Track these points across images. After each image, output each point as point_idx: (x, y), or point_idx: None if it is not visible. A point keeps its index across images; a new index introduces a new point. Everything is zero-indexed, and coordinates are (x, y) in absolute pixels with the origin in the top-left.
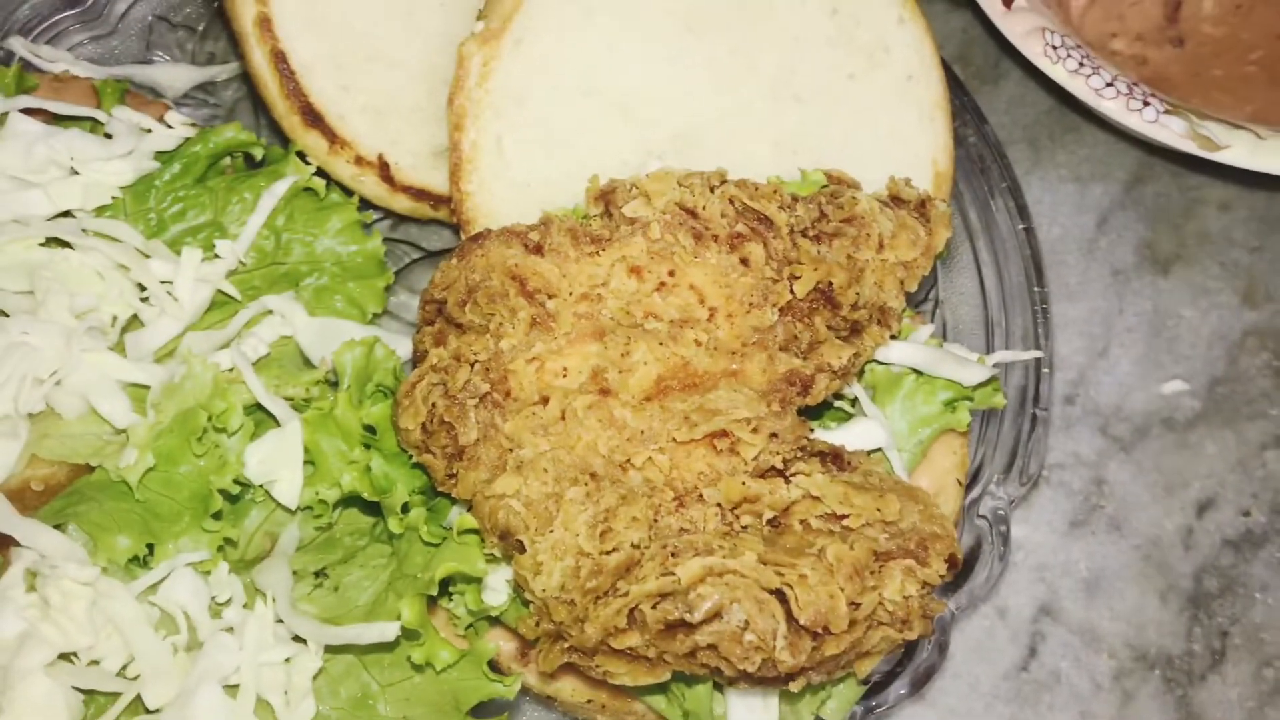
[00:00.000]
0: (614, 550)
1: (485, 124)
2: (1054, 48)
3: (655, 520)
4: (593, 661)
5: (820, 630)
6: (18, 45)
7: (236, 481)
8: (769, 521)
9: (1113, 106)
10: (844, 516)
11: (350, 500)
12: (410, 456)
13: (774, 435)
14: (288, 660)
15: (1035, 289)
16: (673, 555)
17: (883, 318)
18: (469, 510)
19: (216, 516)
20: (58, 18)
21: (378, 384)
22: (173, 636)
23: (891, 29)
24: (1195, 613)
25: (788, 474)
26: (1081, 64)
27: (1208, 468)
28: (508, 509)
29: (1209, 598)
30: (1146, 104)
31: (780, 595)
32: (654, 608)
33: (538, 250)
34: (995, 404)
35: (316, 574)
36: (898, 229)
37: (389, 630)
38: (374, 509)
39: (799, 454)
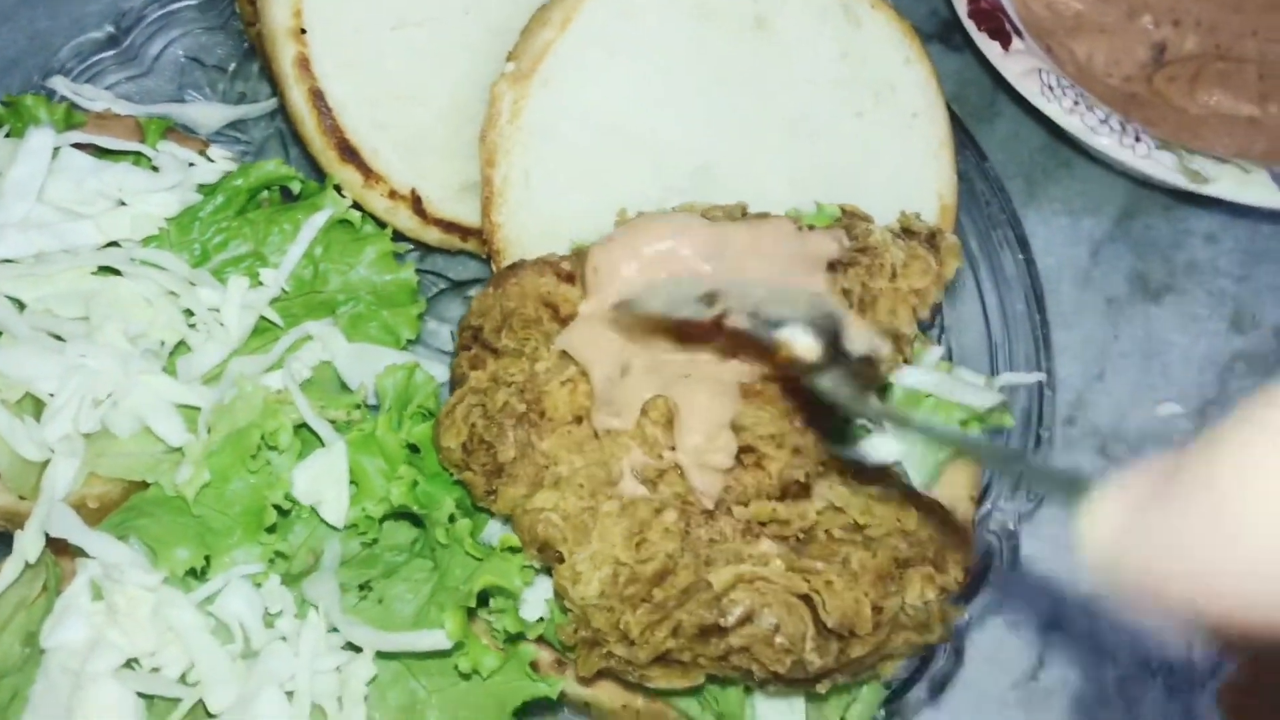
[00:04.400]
0: (649, 559)
1: (515, 159)
2: (1050, 87)
3: (686, 532)
4: (629, 666)
5: (847, 633)
6: (60, 85)
7: (286, 497)
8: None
9: (1107, 143)
10: (866, 526)
11: (394, 516)
12: (451, 475)
13: (797, 450)
14: (339, 669)
15: (1035, 315)
16: (706, 564)
17: (896, 343)
18: (509, 525)
19: (270, 530)
20: (96, 58)
21: (419, 406)
22: (228, 645)
23: (898, 70)
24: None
25: (811, 486)
26: (1076, 102)
27: None
28: (546, 522)
29: None
30: (1139, 140)
31: (808, 600)
32: (690, 614)
33: (570, 279)
34: (1004, 423)
35: (361, 587)
36: (909, 259)
37: (443, 638)
38: (417, 524)
39: (821, 468)
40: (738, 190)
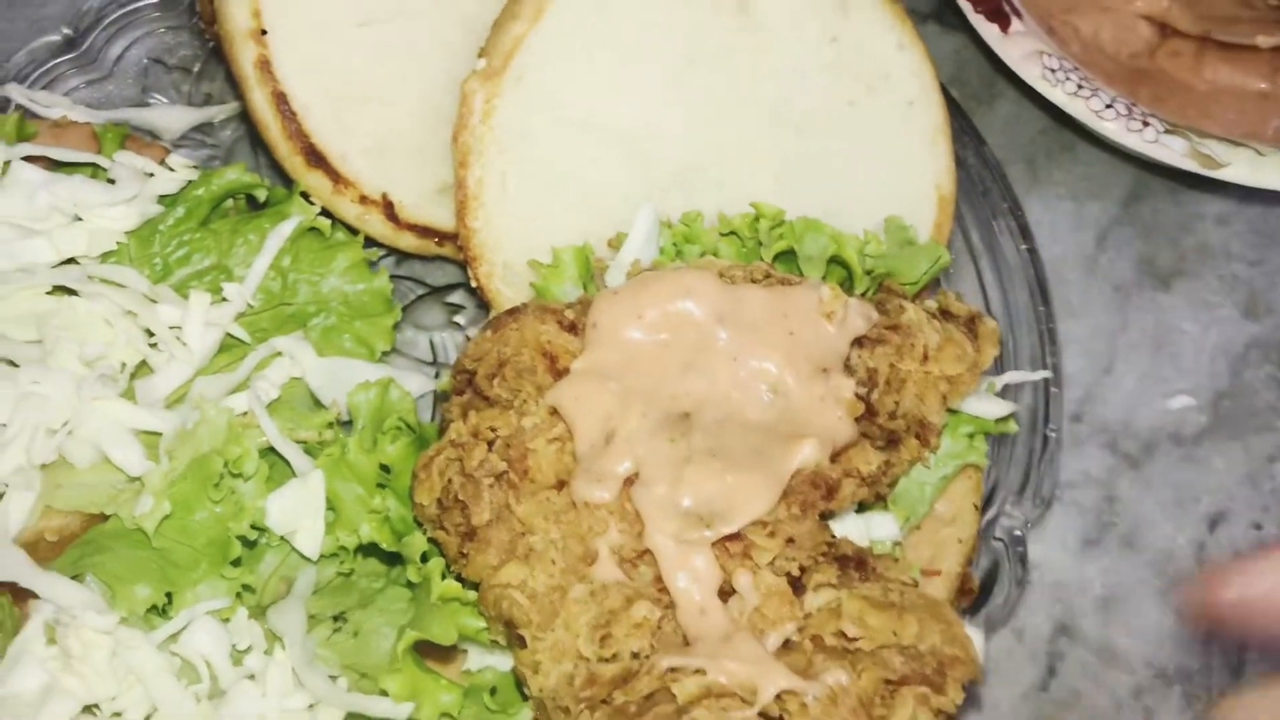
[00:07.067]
0: (613, 658)
1: (490, 160)
2: (1052, 70)
3: (659, 626)
4: None
5: None
6: (14, 92)
7: (253, 527)
8: None
9: (1113, 128)
10: (857, 639)
11: (369, 548)
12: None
13: (790, 540)
14: (312, 706)
15: (1040, 309)
16: (672, 670)
17: (922, 432)
18: (478, 595)
19: (235, 563)
20: (53, 63)
21: (397, 419)
22: (195, 685)
23: (891, 55)
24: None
25: (804, 581)
26: (1080, 86)
27: (1217, 481)
28: (512, 600)
29: None
30: (1146, 124)
31: None
32: None
33: (572, 329)
34: (1008, 430)
35: (335, 618)
36: (944, 342)
37: (401, 711)
38: (392, 555)
39: (817, 560)
40: (723, 185)
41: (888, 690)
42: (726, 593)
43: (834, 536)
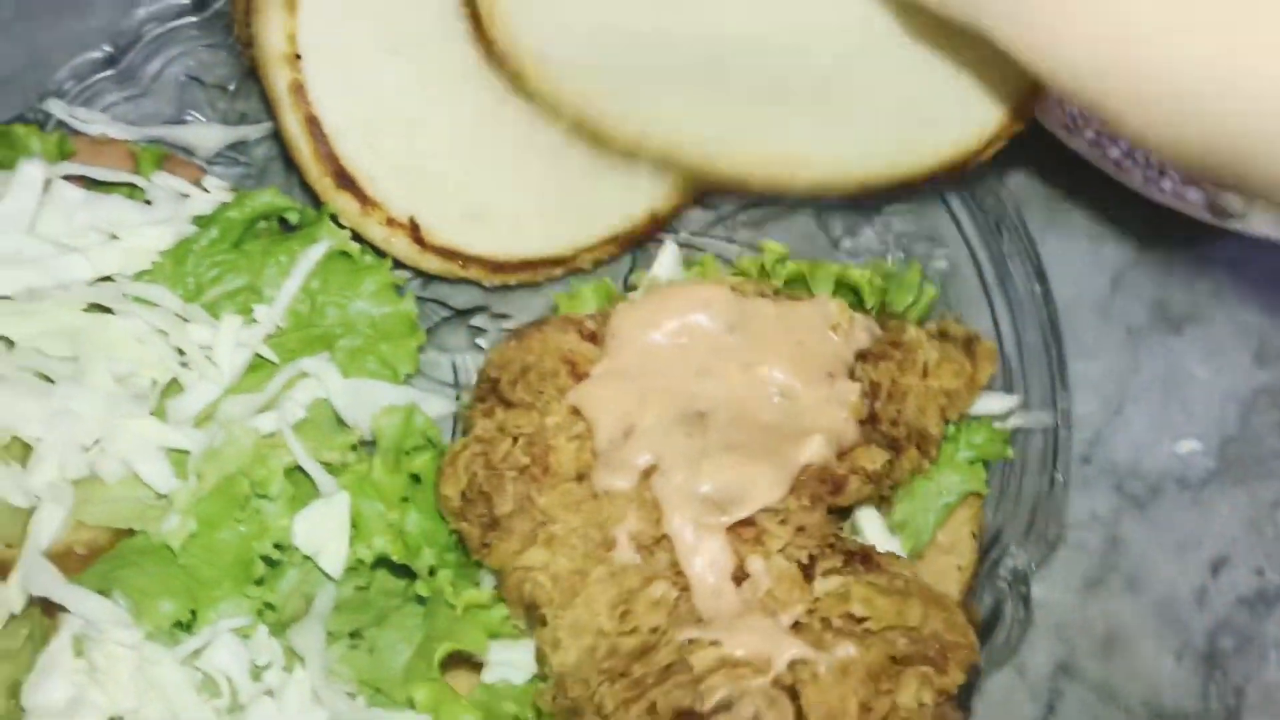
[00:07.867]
0: (632, 632)
1: None
2: (1074, 119)
3: (675, 606)
4: None
5: None
6: (56, 108)
7: (276, 546)
8: None
9: (1131, 178)
10: (864, 619)
11: (383, 562)
12: (448, 523)
13: (801, 529)
14: None
15: (1053, 352)
16: (689, 642)
17: (922, 443)
18: (498, 581)
19: (258, 582)
20: (95, 79)
21: (420, 437)
22: (215, 700)
23: None
24: (1210, 671)
25: (813, 569)
26: (1100, 135)
27: (1221, 526)
28: (534, 582)
29: (1224, 656)
30: (1164, 174)
31: (792, 692)
32: (665, 694)
33: (593, 338)
34: (1005, 456)
35: (352, 635)
36: (942, 359)
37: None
38: (406, 570)
39: (825, 550)
40: None
41: (893, 669)
42: (739, 578)
43: (841, 529)
